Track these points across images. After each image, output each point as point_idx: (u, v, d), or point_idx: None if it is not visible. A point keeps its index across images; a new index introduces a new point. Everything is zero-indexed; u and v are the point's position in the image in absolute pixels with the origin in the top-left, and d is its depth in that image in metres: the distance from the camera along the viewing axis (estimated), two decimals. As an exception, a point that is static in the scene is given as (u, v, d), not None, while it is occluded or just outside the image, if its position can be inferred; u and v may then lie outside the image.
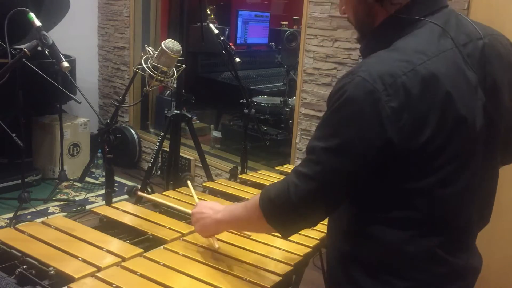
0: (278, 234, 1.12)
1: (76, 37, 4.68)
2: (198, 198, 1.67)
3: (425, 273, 1.02)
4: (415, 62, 0.93)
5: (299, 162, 3.41)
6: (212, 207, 1.33)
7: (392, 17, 1.03)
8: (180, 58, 2.31)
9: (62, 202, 3.72)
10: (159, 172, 4.17)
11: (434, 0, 1.04)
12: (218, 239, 1.43)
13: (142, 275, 1.21)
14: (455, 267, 1.04)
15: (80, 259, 1.26)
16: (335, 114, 0.96)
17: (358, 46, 1.16)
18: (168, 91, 4.77)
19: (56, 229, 1.45)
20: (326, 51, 3.23)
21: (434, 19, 1.01)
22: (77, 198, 3.85)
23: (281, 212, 1.04)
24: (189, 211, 1.45)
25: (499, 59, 1.06)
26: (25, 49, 1.71)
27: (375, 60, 0.97)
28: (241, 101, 2.85)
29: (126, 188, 1.68)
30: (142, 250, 1.35)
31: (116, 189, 3.69)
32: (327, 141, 0.96)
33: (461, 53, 0.99)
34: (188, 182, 1.78)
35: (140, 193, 1.76)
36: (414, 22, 1.01)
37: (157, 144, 2.84)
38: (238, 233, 1.49)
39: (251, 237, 1.48)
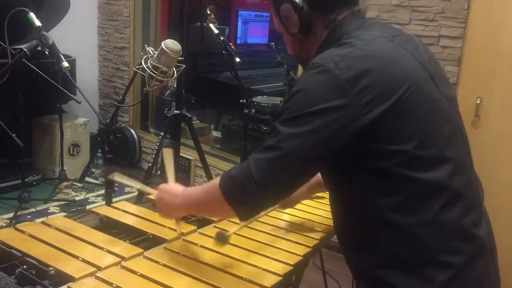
0: (278, 234, 1.11)
1: (76, 37, 4.68)
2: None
3: (460, 254, 1.00)
4: (357, 45, 1.05)
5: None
6: (170, 191, 1.30)
7: (323, 43, 1.14)
8: (180, 58, 2.31)
9: (62, 202, 3.72)
10: (159, 172, 4.17)
11: (355, 21, 1.13)
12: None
13: (142, 275, 1.21)
14: (482, 241, 1.05)
15: (80, 259, 1.26)
16: (292, 98, 1.03)
17: None
18: (168, 91, 4.77)
19: (56, 229, 1.45)
20: (326, 51, 3.23)
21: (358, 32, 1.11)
22: (77, 198, 3.85)
23: (242, 190, 1.02)
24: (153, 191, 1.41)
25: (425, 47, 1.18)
26: (25, 49, 1.72)
27: (324, 54, 1.06)
28: (241, 101, 2.85)
29: (102, 170, 1.61)
30: (142, 250, 1.35)
31: (116, 189, 3.70)
32: (287, 116, 1.01)
33: (393, 41, 1.09)
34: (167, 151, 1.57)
35: (112, 176, 1.55)
36: (342, 37, 1.10)
37: (157, 144, 2.85)
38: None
39: (251, 237, 1.49)
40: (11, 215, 3.36)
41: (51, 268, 1.19)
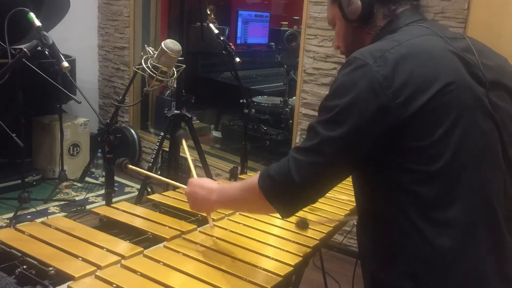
0: (277, 233, 1.11)
1: (76, 37, 4.68)
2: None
3: None
4: (401, 40, 1.03)
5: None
6: (204, 186, 1.33)
7: (378, 34, 1.13)
8: (180, 58, 2.31)
9: (62, 202, 3.72)
10: (159, 172, 4.17)
11: (412, 16, 1.12)
12: (219, 238, 1.43)
13: (142, 274, 1.21)
14: None
15: (80, 258, 1.26)
16: (330, 95, 1.03)
17: None
18: (168, 91, 4.77)
19: (56, 229, 1.45)
20: (326, 51, 3.23)
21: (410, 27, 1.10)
22: (77, 198, 3.85)
23: (281, 190, 1.05)
24: (184, 186, 1.45)
25: (493, 54, 1.12)
26: (25, 49, 1.72)
27: (365, 47, 1.06)
28: (241, 101, 2.85)
29: (116, 160, 1.68)
30: (142, 249, 1.35)
31: (116, 189, 3.70)
32: (325, 115, 1.01)
33: (449, 43, 1.05)
34: (183, 141, 1.74)
35: (130, 166, 1.72)
36: (397, 29, 1.10)
37: (157, 144, 2.84)
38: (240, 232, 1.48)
39: (251, 237, 1.49)
40: (11, 215, 3.36)
41: (51, 268, 1.19)
